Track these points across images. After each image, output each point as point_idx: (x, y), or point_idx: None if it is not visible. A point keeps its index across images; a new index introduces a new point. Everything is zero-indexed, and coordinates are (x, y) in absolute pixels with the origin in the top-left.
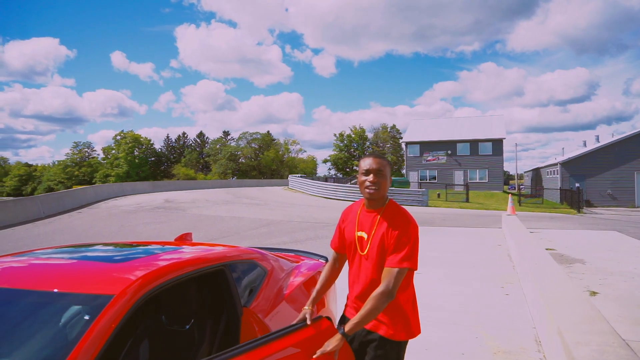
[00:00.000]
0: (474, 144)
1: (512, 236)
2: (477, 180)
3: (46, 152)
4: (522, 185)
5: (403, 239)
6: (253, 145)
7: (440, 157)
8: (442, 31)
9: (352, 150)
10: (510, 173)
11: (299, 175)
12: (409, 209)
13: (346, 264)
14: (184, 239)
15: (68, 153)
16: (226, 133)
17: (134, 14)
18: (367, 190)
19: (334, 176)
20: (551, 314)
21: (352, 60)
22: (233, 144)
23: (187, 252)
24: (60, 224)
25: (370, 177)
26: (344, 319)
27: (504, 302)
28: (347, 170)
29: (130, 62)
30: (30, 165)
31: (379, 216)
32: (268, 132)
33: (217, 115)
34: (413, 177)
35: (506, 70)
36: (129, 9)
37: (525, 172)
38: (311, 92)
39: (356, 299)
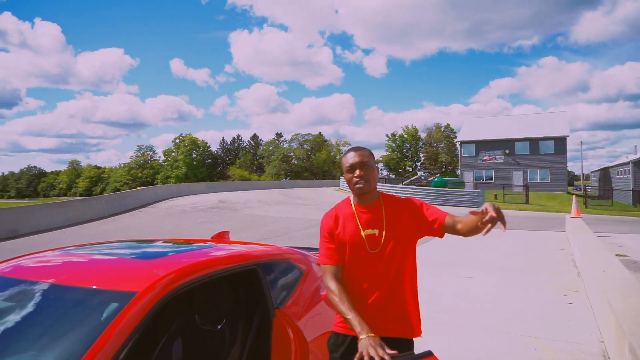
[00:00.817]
0: (534, 142)
1: (576, 240)
2: (538, 181)
3: (113, 155)
4: (588, 186)
5: (425, 205)
6: (305, 146)
7: (497, 157)
8: (498, 26)
9: (404, 150)
10: (575, 173)
11: None
12: (463, 210)
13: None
14: (221, 237)
15: (132, 156)
16: (279, 135)
17: (191, 22)
18: (358, 186)
19: (386, 177)
20: (622, 327)
21: (404, 59)
22: (286, 145)
23: (220, 250)
24: (122, 222)
25: (357, 172)
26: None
27: (566, 311)
28: (400, 171)
29: (188, 69)
30: (99, 168)
31: (383, 208)
32: (320, 133)
33: (270, 118)
34: (468, 177)
35: (569, 64)
36: (185, 18)
37: (591, 172)
38: (362, 92)
39: (375, 302)
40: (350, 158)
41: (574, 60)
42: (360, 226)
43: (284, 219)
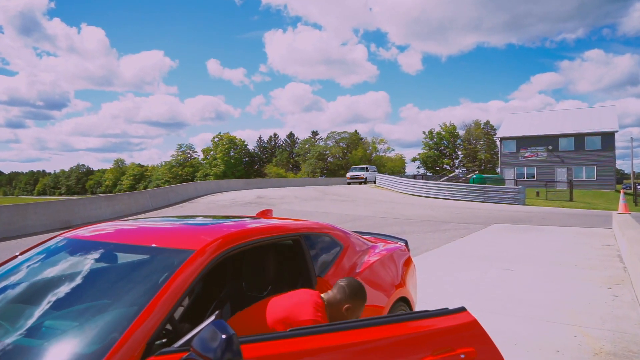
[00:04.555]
0: (579, 138)
1: (624, 236)
2: (584, 178)
3: (155, 154)
4: (638, 184)
5: None
6: (341, 144)
7: (539, 153)
8: (540, 19)
9: (442, 148)
10: (625, 172)
11: (386, 174)
12: (503, 207)
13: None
14: (265, 214)
15: (173, 154)
16: (315, 133)
17: (226, 23)
18: None
19: (422, 174)
20: None
21: (440, 55)
22: (321, 143)
23: (265, 222)
24: (166, 215)
25: None
26: None
27: (610, 303)
28: (437, 168)
29: (224, 69)
30: (142, 166)
31: None
32: (356, 131)
33: (305, 117)
34: (508, 174)
35: (617, 57)
36: (221, 19)
37: None
38: (397, 90)
39: None
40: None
41: (622, 53)
42: None
43: (320, 214)
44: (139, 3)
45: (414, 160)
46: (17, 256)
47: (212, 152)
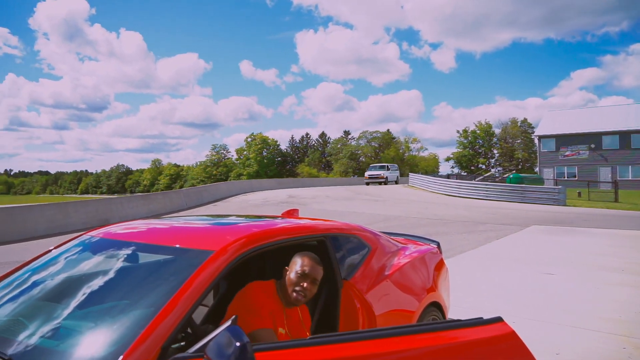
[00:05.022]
0: (624, 136)
1: None
2: (630, 178)
3: (190, 154)
4: None
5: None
6: (373, 144)
7: (581, 152)
8: (580, 11)
9: (477, 147)
10: None
11: (420, 174)
12: (542, 208)
13: None
14: (291, 214)
15: (207, 155)
16: (347, 133)
17: (258, 24)
18: (297, 297)
19: (456, 174)
20: None
21: (474, 52)
22: (353, 143)
23: (290, 222)
24: (199, 213)
25: (306, 284)
26: None
27: None
28: (472, 168)
29: (256, 70)
30: (178, 166)
31: (299, 313)
32: (388, 130)
33: (337, 116)
34: (547, 174)
35: None
36: (254, 21)
37: None
38: (430, 88)
39: None
40: (309, 267)
41: None
42: (285, 323)
43: (352, 214)
44: (174, 8)
45: (447, 159)
46: (50, 250)
47: (245, 152)
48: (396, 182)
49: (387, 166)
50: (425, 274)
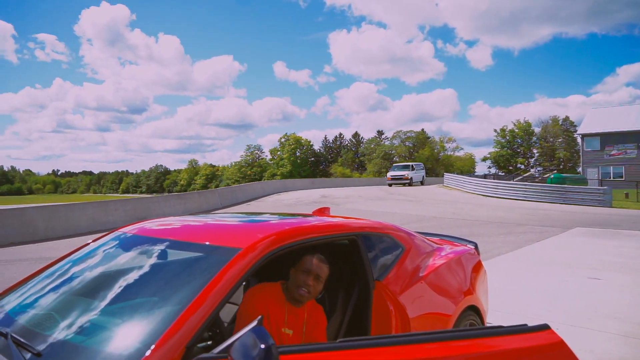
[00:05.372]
0: None
1: None
2: None
3: (225, 154)
4: None
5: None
6: (407, 143)
7: (628, 151)
8: (626, 4)
9: (515, 146)
10: None
11: (455, 173)
12: (585, 209)
13: None
14: (322, 212)
15: (242, 155)
16: (380, 132)
17: (292, 25)
18: (301, 293)
19: (493, 174)
20: None
21: (512, 49)
22: (387, 143)
23: (321, 220)
24: (232, 211)
25: (311, 280)
26: None
27: None
28: (510, 168)
29: (290, 71)
30: (213, 166)
31: (305, 313)
32: (422, 130)
33: (370, 116)
34: (592, 174)
35: None
36: (287, 22)
37: None
38: (466, 87)
39: None
40: (315, 266)
41: None
42: (285, 323)
43: (385, 214)
44: (210, 11)
45: (484, 159)
46: (84, 246)
47: (279, 153)
48: (422, 183)
49: (412, 166)
50: (462, 276)
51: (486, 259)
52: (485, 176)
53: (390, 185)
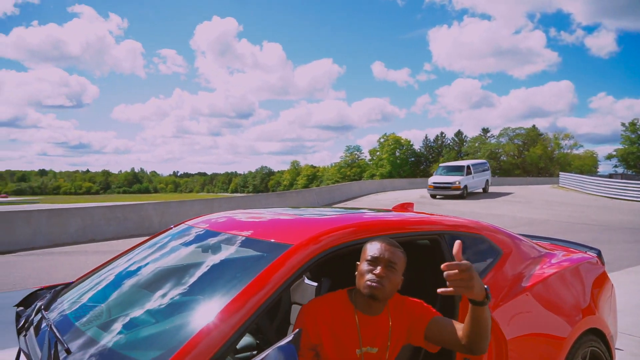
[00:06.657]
0: None
1: None
2: None
3: (326, 155)
4: None
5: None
6: (516, 141)
7: None
8: None
9: None
10: None
11: (572, 173)
12: None
13: None
14: (405, 208)
15: (342, 156)
16: (485, 130)
17: (390, 24)
18: (370, 285)
19: (621, 174)
20: None
21: None
22: (493, 141)
23: (395, 216)
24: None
25: (378, 269)
26: None
27: None
28: None
29: (388, 70)
30: (314, 167)
31: (390, 320)
32: (533, 126)
33: (474, 114)
34: None
35: None
36: (385, 21)
37: None
38: (585, 77)
39: None
40: (378, 249)
41: None
42: (359, 341)
43: (490, 216)
44: (310, 16)
45: (609, 157)
46: (171, 228)
47: (378, 153)
48: (484, 190)
49: (467, 166)
50: (581, 290)
51: (611, 271)
52: (610, 176)
53: (433, 196)
